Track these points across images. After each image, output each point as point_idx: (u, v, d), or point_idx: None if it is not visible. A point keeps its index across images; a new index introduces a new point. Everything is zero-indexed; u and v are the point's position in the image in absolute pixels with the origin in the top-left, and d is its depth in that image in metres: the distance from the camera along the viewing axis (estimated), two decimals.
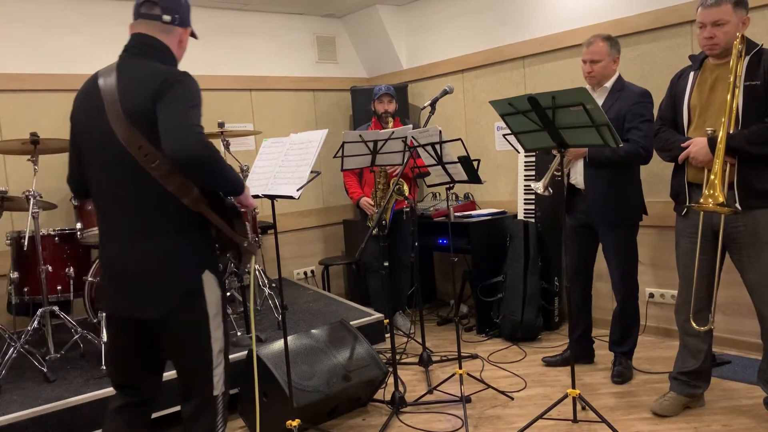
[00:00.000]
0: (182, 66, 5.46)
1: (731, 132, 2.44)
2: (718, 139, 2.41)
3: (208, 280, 1.94)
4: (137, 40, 1.96)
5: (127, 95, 1.84)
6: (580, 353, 3.51)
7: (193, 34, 2.10)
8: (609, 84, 3.19)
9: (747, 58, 2.51)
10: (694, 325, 2.70)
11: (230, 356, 3.08)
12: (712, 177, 2.39)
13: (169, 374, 2.09)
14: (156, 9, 1.96)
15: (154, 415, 2.68)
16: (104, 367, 3.02)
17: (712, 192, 2.37)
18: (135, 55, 1.94)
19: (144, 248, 1.89)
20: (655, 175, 3.83)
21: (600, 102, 3.13)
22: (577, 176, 3.26)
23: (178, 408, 2.06)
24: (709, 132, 2.50)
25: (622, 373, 3.29)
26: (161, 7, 1.96)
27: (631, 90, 3.16)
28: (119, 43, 1.94)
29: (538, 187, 3.09)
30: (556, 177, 3.12)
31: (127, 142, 1.83)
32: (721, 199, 2.34)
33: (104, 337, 3.16)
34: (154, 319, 1.91)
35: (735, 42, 2.47)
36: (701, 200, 2.40)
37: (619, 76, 3.22)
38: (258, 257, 4.44)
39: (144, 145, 1.81)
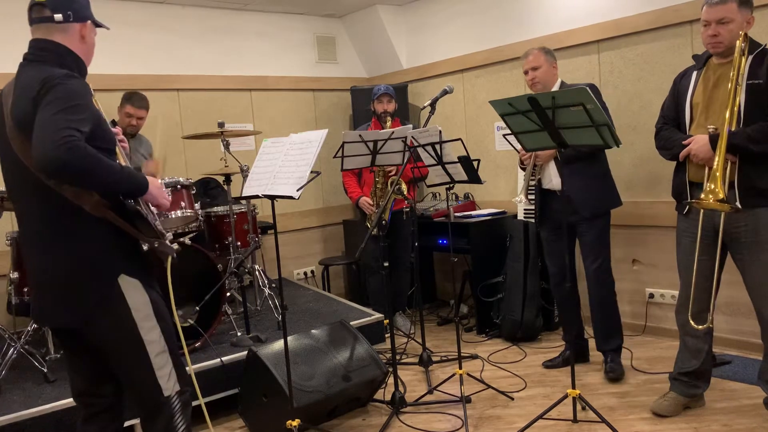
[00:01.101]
0: (183, 65, 5.45)
1: (733, 130, 2.44)
2: (720, 136, 2.41)
3: (128, 283, 1.90)
4: (33, 46, 1.91)
5: (16, 104, 1.81)
6: (576, 353, 3.52)
7: (99, 25, 2.02)
8: (555, 88, 3.33)
9: (750, 57, 2.51)
10: (693, 324, 2.70)
11: (230, 356, 3.12)
12: (713, 174, 2.38)
13: None
14: (45, 11, 1.89)
15: (135, 421, 2.70)
16: None
17: (712, 188, 2.36)
18: (30, 62, 1.89)
19: (51, 258, 1.87)
20: (656, 176, 3.84)
21: None
22: (552, 179, 3.33)
23: None
24: (711, 129, 2.49)
25: (614, 369, 3.31)
26: (50, 7, 1.88)
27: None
28: (118, 44, 1.94)
29: (521, 199, 3.30)
30: (531, 184, 3.33)
31: (21, 152, 1.81)
32: (721, 196, 2.33)
33: None
34: (72, 327, 1.90)
35: (738, 40, 2.47)
36: (702, 197, 2.39)
37: (562, 81, 3.37)
38: (258, 257, 4.44)
39: None
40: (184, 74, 4.80)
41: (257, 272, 4.09)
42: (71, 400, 2.69)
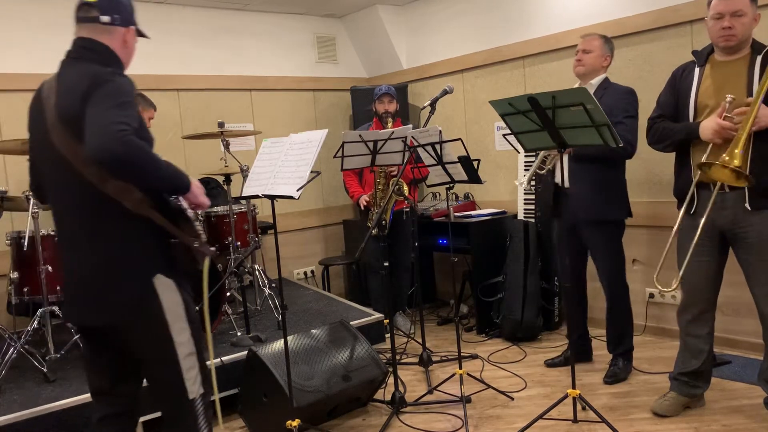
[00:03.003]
0: (183, 65, 5.45)
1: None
2: (749, 112, 2.34)
3: (163, 284, 1.90)
4: (77, 44, 1.93)
5: (62, 101, 1.82)
6: (578, 352, 3.52)
7: (141, 34, 2.05)
8: (595, 81, 3.25)
9: (759, 57, 2.50)
10: (658, 287, 2.67)
11: (230, 356, 3.12)
12: (735, 143, 2.32)
13: None
14: (93, 11, 1.91)
15: (146, 418, 2.70)
16: None
17: (729, 158, 2.30)
18: (74, 59, 1.90)
19: (89, 255, 1.87)
20: (655, 176, 3.84)
21: None
22: (562, 173, 3.27)
23: None
24: (729, 98, 2.44)
25: (615, 374, 3.30)
26: (99, 8, 1.91)
27: (617, 88, 3.24)
28: None
29: (523, 182, 3.16)
30: (538, 173, 3.20)
31: (64, 148, 1.81)
32: (737, 162, 2.27)
33: None
34: (106, 326, 1.90)
35: None
36: (717, 161, 2.33)
37: (606, 78, 3.28)
38: (258, 257, 4.44)
39: (80, 151, 1.78)
40: (184, 74, 4.80)
41: (257, 272, 4.09)
42: (71, 400, 2.73)
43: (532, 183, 3.25)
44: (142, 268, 1.89)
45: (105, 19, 1.91)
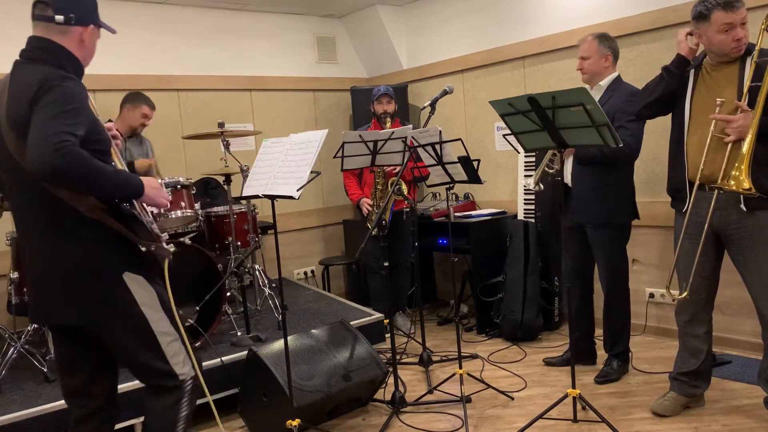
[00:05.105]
0: (183, 65, 5.43)
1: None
2: (753, 119, 2.36)
3: (133, 279, 1.92)
4: (31, 43, 1.87)
5: (11, 104, 1.78)
6: (582, 354, 3.51)
7: (106, 27, 1.99)
8: (604, 83, 3.22)
9: (749, 59, 2.51)
10: (669, 292, 2.68)
11: (230, 356, 3.12)
12: (741, 158, 2.34)
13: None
14: (48, 10, 1.83)
15: (135, 421, 2.71)
16: None
17: (737, 174, 2.33)
18: (27, 60, 1.85)
19: (53, 257, 1.87)
20: (656, 176, 3.84)
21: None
22: (567, 174, 3.27)
23: None
24: (719, 102, 2.47)
25: (606, 374, 3.30)
26: (53, 7, 1.83)
27: (624, 89, 3.20)
28: (118, 43, 1.94)
29: (530, 183, 3.16)
30: (547, 173, 3.13)
31: (16, 152, 1.78)
32: (747, 185, 2.31)
33: None
34: (76, 325, 1.90)
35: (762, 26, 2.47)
36: (732, 183, 2.35)
37: (618, 77, 3.24)
38: (258, 257, 4.44)
39: None
40: (184, 74, 4.80)
41: (257, 272, 4.09)
42: None
43: (540, 185, 3.20)
44: (108, 268, 1.89)
45: (59, 18, 1.84)
